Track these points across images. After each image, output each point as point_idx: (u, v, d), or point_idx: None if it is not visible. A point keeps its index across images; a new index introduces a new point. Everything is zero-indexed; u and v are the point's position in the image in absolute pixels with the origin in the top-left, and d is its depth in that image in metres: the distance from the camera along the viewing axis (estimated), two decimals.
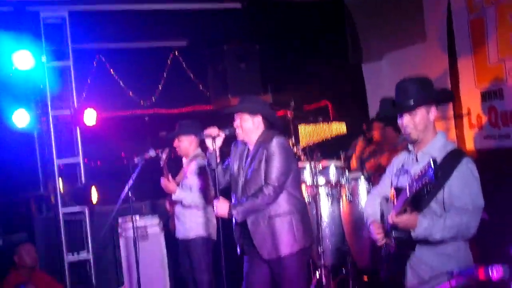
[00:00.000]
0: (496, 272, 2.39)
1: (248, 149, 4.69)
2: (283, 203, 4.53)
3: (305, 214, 4.69)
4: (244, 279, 4.72)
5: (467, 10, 5.91)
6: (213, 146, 4.57)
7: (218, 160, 4.65)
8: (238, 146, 4.80)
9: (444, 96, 3.84)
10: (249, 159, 4.62)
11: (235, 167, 4.73)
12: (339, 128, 7.45)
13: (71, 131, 7.27)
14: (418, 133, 3.49)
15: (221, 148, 4.68)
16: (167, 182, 5.80)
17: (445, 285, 2.79)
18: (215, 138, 4.57)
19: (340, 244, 6.16)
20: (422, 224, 3.18)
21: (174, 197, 5.85)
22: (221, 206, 4.54)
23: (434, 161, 2.77)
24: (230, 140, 4.86)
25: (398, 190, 3.28)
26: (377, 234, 3.62)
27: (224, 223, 4.68)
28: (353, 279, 5.99)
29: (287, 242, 4.49)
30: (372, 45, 7.58)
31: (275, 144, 4.47)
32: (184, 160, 6.12)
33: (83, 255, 7.06)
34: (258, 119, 4.61)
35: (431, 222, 3.20)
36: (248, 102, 4.71)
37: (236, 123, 4.63)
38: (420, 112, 3.46)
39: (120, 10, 7.48)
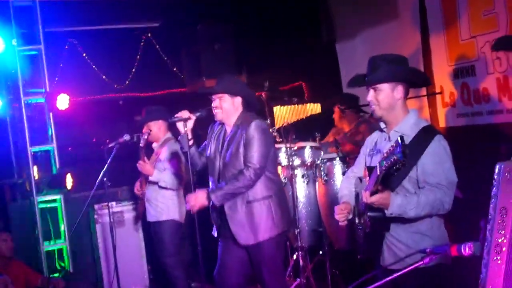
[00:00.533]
0: (468, 249, 2.41)
1: (225, 131, 4.66)
2: (261, 187, 4.51)
3: (283, 197, 4.68)
4: (219, 260, 4.71)
5: None
6: (184, 129, 4.54)
7: (191, 143, 4.61)
8: (215, 128, 4.77)
9: (418, 78, 3.76)
10: (226, 141, 4.59)
11: (212, 149, 4.70)
12: (314, 108, 7.45)
13: (44, 117, 7.18)
14: (382, 111, 3.50)
15: (195, 131, 4.65)
16: (144, 164, 5.76)
17: (419, 263, 2.81)
18: (186, 121, 4.53)
19: (317, 226, 6.18)
20: (395, 202, 3.18)
21: (151, 178, 5.81)
22: (199, 197, 4.52)
23: (402, 138, 2.76)
24: (205, 122, 4.83)
25: (370, 169, 3.28)
26: (339, 214, 3.64)
27: None
28: (330, 260, 6.02)
29: (265, 227, 4.48)
30: (345, 24, 7.56)
31: (254, 127, 4.44)
32: (155, 144, 6.08)
33: (59, 242, 7.02)
34: (238, 100, 4.58)
35: (405, 200, 3.21)
36: (228, 83, 4.66)
37: (215, 103, 4.59)
38: (384, 89, 3.46)
39: None
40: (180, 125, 4.56)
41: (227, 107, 4.56)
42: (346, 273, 6.04)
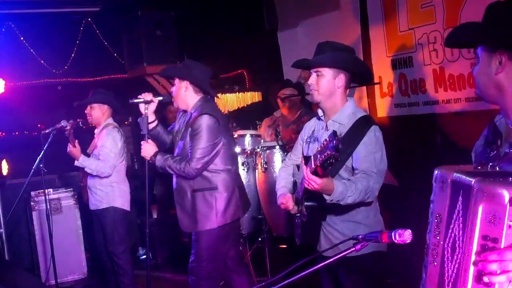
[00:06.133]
0: (398, 236, 2.45)
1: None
2: (206, 178, 4.51)
3: (233, 190, 4.61)
4: None
5: None
6: (145, 110, 4.54)
7: (154, 125, 4.66)
8: (181, 111, 4.79)
9: (361, 71, 3.68)
10: (184, 127, 4.56)
11: (175, 131, 4.72)
12: (255, 97, 7.47)
13: None
14: (321, 97, 3.50)
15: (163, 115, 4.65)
16: (71, 148, 5.64)
17: (351, 250, 2.85)
18: (147, 103, 4.53)
19: (256, 213, 6.22)
20: (338, 189, 3.18)
21: (76, 163, 5.67)
22: (147, 148, 4.51)
23: (335, 133, 2.77)
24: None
25: (306, 159, 3.28)
26: (286, 203, 3.65)
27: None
28: (269, 247, 6.07)
29: (206, 218, 4.49)
30: (287, 13, 7.58)
31: (201, 122, 4.39)
32: (96, 130, 5.98)
33: None
34: (186, 84, 4.54)
35: (345, 187, 3.23)
36: (181, 67, 4.67)
37: (172, 88, 4.65)
38: (326, 75, 3.46)
39: None
40: (141, 107, 4.59)
41: (176, 91, 4.56)
42: (285, 260, 6.11)
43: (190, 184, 4.50)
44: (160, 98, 4.61)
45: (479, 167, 2.09)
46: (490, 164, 2.06)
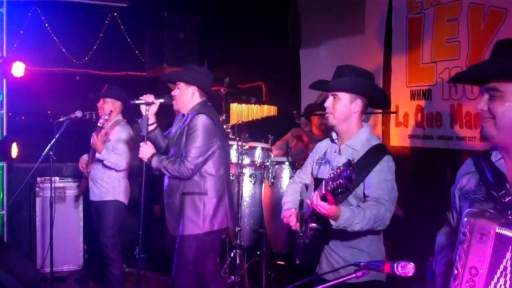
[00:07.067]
0: (401, 268, 2.44)
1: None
2: (197, 182, 4.51)
3: (222, 197, 4.60)
4: None
5: (408, 8, 5.99)
6: (145, 112, 4.54)
7: (153, 127, 4.64)
8: (179, 115, 4.79)
9: (379, 98, 3.67)
10: (180, 129, 4.58)
11: (172, 134, 4.73)
12: (270, 110, 7.46)
13: None
14: (336, 121, 3.49)
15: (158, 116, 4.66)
16: (96, 140, 5.69)
17: (351, 276, 2.84)
18: (149, 104, 4.53)
19: (258, 226, 6.21)
20: (344, 215, 3.15)
21: (98, 156, 5.74)
22: (146, 149, 4.52)
23: (350, 163, 2.75)
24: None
25: (317, 181, 3.26)
26: (289, 218, 3.62)
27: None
28: (266, 262, 6.05)
29: (193, 222, 4.48)
30: (312, 31, 7.60)
31: (197, 121, 4.42)
32: (105, 124, 6.00)
33: None
34: (193, 89, 4.56)
35: (352, 213, 3.20)
36: (186, 71, 4.67)
37: (174, 91, 4.62)
38: (343, 99, 3.46)
39: None
40: (142, 108, 4.58)
41: (180, 95, 4.57)
42: (281, 276, 6.09)
43: (180, 187, 4.51)
44: (162, 100, 4.61)
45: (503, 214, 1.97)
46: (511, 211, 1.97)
